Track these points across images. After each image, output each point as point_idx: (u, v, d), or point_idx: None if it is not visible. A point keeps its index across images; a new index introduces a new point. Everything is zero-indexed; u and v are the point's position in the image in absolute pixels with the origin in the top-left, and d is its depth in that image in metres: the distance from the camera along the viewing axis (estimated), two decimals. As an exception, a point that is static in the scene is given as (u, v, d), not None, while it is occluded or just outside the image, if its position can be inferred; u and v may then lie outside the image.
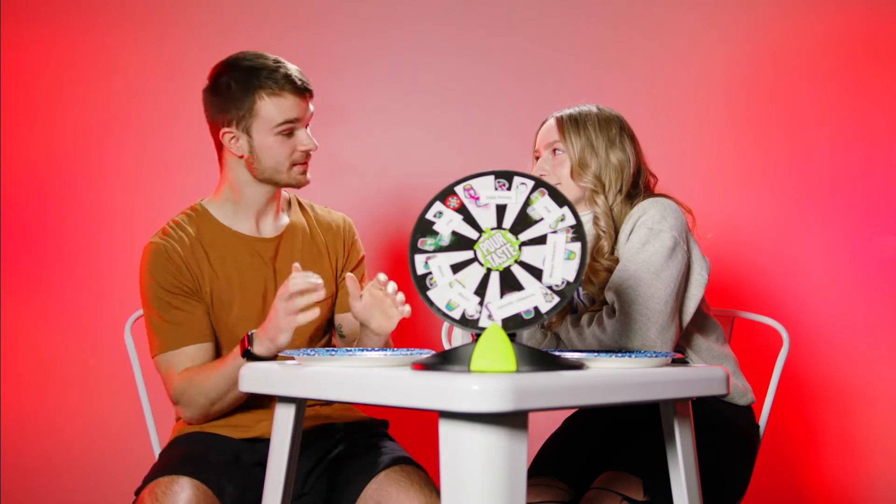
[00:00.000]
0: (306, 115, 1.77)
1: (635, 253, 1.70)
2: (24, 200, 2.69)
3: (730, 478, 1.76)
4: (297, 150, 1.77)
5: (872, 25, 2.69)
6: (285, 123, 1.73)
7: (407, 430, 2.45)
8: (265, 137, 1.74)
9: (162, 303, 1.72)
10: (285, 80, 1.72)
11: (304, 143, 1.77)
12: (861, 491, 2.62)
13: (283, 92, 1.72)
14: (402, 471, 1.66)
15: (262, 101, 1.72)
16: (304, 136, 1.77)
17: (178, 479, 1.58)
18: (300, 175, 1.79)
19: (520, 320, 1.18)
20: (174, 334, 1.72)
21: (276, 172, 1.77)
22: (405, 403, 1.12)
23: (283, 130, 1.74)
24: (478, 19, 2.78)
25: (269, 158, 1.75)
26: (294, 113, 1.74)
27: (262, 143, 1.74)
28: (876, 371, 2.62)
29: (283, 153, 1.76)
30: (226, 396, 1.68)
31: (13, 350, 2.65)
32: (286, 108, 1.73)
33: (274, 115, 1.73)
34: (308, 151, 1.78)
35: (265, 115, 1.73)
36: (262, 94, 1.72)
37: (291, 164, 1.77)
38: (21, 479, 2.62)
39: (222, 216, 1.82)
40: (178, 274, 1.73)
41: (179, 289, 1.73)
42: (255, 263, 1.80)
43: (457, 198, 1.28)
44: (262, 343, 1.57)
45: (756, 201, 2.71)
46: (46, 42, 2.72)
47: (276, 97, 1.72)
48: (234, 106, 1.73)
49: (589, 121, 1.83)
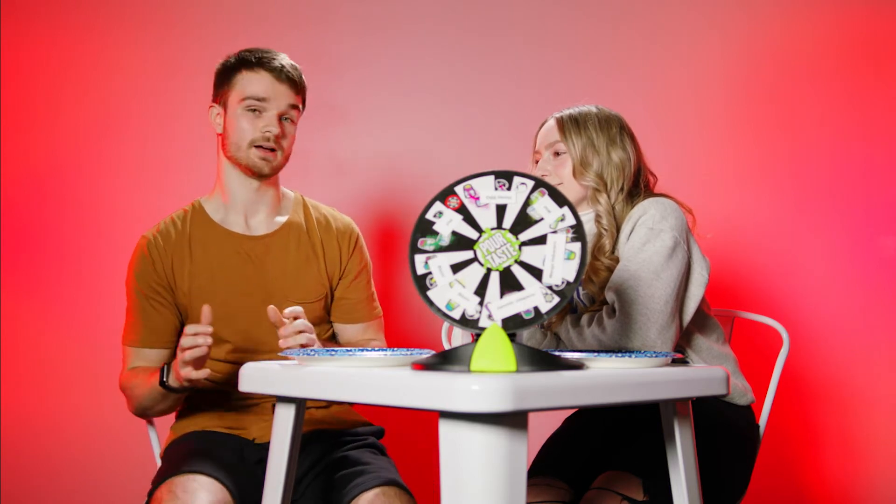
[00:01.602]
0: (280, 100, 1.81)
1: (635, 253, 1.70)
2: (24, 200, 2.69)
3: (730, 478, 1.76)
4: (258, 131, 1.79)
5: (872, 25, 2.68)
6: (252, 99, 1.79)
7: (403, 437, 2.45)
8: (234, 109, 1.81)
9: (132, 298, 1.83)
10: (268, 62, 1.81)
11: (266, 126, 1.79)
12: (861, 491, 2.62)
13: (260, 70, 1.80)
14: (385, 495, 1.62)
15: (240, 74, 1.81)
16: (271, 119, 1.80)
17: (196, 476, 1.58)
18: (258, 160, 1.81)
19: (520, 320, 1.18)
20: (139, 334, 1.81)
21: (237, 149, 1.81)
22: (405, 403, 1.12)
23: (249, 106, 1.79)
24: (478, 19, 2.78)
25: (234, 133, 1.81)
26: (263, 91, 1.79)
27: (232, 116, 1.81)
28: (876, 371, 2.62)
29: (245, 129, 1.80)
30: (155, 408, 1.78)
31: (13, 350, 2.65)
32: (257, 84, 1.79)
33: (245, 88, 1.80)
34: (269, 136, 1.80)
35: (238, 87, 1.81)
36: (243, 71, 1.81)
37: (251, 144, 1.80)
38: (21, 479, 2.62)
39: (215, 213, 1.86)
40: (151, 270, 1.80)
41: (149, 286, 1.80)
42: (240, 261, 1.83)
43: (457, 198, 1.28)
44: (172, 377, 1.67)
45: (756, 201, 2.71)
46: (46, 42, 2.72)
47: (252, 73, 1.80)
48: (222, 80, 1.83)
49: (589, 120, 1.83)
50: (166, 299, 1.81)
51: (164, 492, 1.57)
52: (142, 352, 1.81)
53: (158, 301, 1.80)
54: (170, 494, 1.55)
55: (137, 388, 1.75)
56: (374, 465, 1.72)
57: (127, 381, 1.79)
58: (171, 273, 1.80)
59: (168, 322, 1.81)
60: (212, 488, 1.57)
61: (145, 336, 1.80)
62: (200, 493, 1.55)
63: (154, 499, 1.58)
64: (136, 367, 1.80)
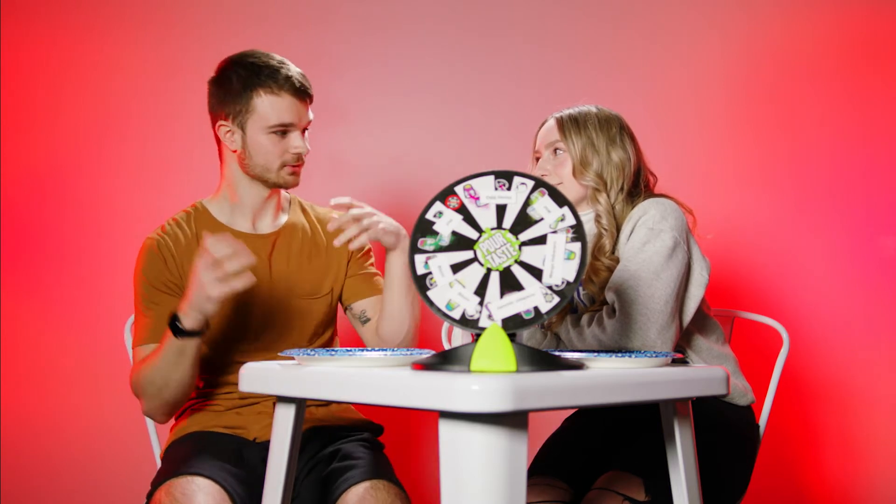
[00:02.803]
0: (303, 119, 1.78)
1: (636, 253, 1.70)
2: (24, 200, 2.69)
3: (730, 478, 1.76)
4: (289, 153, 1.78)
5: (872, 25, 2.68)
6: (279, 125, 1.76)
7: (403, 437, 2.45)
8: (258, 135, 1.76)
9: (145, 298, 1.77)
10: (285, 81, 1.75)
11: (295, 146, 1.78)
12: (861, 491, 2.62)
13: (281, 92, 1.75)
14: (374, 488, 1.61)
15: (260, 98, 1.75)
16: (297, 138, 1.78)
17: (195, 478, 1.57)
18: (289, 176, 1.80)
19: (520, 320, 1.18)
20: (151, 331, 1.75)
21: (265, 171, 1.79)
22: (405, 403, 1.12)
23: (276, 130, 1.76)
24: (478, 19, 2.78)
25: (260, 156, 1.78)
26: (289, 116, 1.76)
27: (255, 139, 1.77)
28: (876, 371, 2.62)
29: (274, 153, 1.77)
30: (171, 380, 1.67)
31: (13, 350, 2.65)
32: (282, 109, 1.75)
33: (269, 114, 1.75)
34: (299, 155, 1.79)
35: (261, 112, 1.75)
36: (261, 92, 1.75)
37: (281, 165, 1.79)
38: (21, 479, 2.62)
39: (220, 214, 1.85)
40: (164, 268, 1.77)
41: (163, 284, 1.77)
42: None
43: (457, 198, 1.28)
44: (189, 316, 1.59)
45: (756, 201, 2.71)
46: (46, 42, 2.72)
47: (273, 96, 1.75)
48: (233, 100, 1.76)
49: (589, 120, 1.83)
50: (178, 294, 1.76)
51: (162, 494, 1.57)
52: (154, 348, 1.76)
53: (171, 295, 1.76)
54: (168, 497, 1.55)
55: (146, 371, 1.68)
56: (365, 460, 1.71)
57: (135, 376, 1.72)
58: (184, 271, 1.76)
59: None
60: (210, 490, 1.57)
61: (161, 331, 1.72)
62: (199, 495, 1.55)
63: (153, 501, 1.58)
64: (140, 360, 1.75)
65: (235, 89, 1.76)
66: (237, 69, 1.77)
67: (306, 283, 1.85)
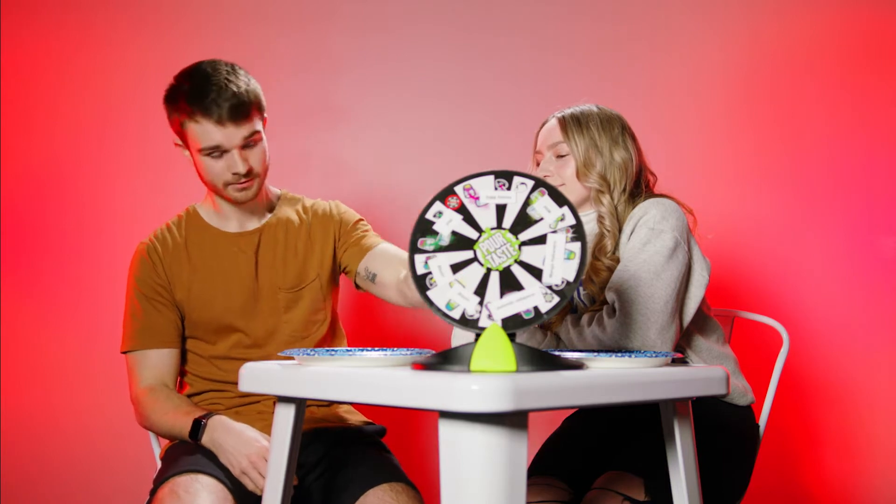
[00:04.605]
0: (233, 139, 1.73)
1: (636, 253, 1.70)
2: (24, 200, 2.69)
3: (729, 478, 1.76)
4: (228, 172, 1.76)
5: (872, 25, 2.68)
6: (210, 148, 1.74)
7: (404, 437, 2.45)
8: (197, 156, 1.77)
9: (135, 302, 1.82)
10: (208, 108, 1.71)
11: (232, 167, 1.75)
12: (861, 491, 2.62)
13: (202, 120, 1.72)
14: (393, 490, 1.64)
15: (187, 125, 1.75)
16: (234, 157, 1.74)
17: (199, 476, 1.59)
18: (237, 193, 1.79)
19: (520, 320, 1.18)
20: (140, 336, 1.81)
21: (214, 188, 1.81)
22: (405, 403, 1.12)
23: (209, 153, 1.75)
24: (478, 19, 2.78)
25: (206, 175, 1.79)
26: (213, 140, 1.73)
27: (198, 160, 1.78)
28: (876, 371, 2.62)
29: (214, 172, 1.77)
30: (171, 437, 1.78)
31: (13, 350, 2.65)
32: (205, 137, 1.73)
33: (199, 138, 1.74)
34: (239, 175, 1.76)
35: (191, 136, 1.75)
36: (185, 119, 1.74)
37: (225, 184, 1.78)
38: (21, 479, 2.62)
39: (209, 217, 1.89)
40: (153, 274, 1.82)
41: (152, 289, 1.81)
42: (238, 256, 1.85)
43: (457, 198, 1.28)
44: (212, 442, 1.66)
45: (756, 201, 2.71)
46: (46, 42, 2.72)
47: (195, 124, 1.73)
48: (173, 119, 1.78)
49: (591, 120, 1.83)
50: (167, 299, 1.82)
51: (166, 492, 1.57)
52: (146, 355, 1.80)
53: (160, 301, 1.82)
54: (172, 494, 1.55)
55: (156, 419, 1.76)
56: (381, 462, 1.73)
57: (146, 405, 1.78)
58: (171, 275, 1.82)
59: (170, 321, 1.82)
60: (214, 488, 1.57)
61: (148, 337, 1.81)
62: (203, 493, 1.56)
63: (156, 498, 1.58)
64: (158, 393, 1.78)
65: (173, 108, 1.77)
66: (170, 95, 1.78)
67: (292, 273, 1.86)
